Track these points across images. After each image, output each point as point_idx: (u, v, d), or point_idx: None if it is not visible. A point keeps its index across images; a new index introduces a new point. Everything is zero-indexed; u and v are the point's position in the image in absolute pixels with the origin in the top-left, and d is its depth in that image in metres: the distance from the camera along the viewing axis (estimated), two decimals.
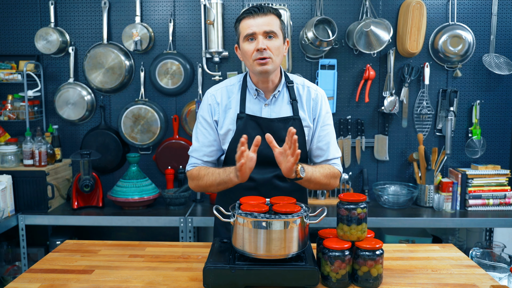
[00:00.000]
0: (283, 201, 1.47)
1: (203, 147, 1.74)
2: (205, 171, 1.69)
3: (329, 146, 1.76)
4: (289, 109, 1.73)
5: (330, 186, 1.74)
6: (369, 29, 2.86)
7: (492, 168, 2.99)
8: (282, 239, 1.33)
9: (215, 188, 1.68)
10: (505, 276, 1.55)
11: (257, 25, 1.60)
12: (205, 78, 3.13)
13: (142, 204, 2.90)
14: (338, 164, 1.79)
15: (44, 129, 3.16)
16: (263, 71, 1.63)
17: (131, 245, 1.76)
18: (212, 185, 1.66)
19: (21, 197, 2.81)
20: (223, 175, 1.61)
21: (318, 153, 1.77)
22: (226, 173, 1.60)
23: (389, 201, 2.96)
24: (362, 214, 1.38)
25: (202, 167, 1.72)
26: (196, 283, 1.41)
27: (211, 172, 1.67)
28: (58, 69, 3.18)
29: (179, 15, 3.11)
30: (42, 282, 1.42)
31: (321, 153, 1.76)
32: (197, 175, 1.71)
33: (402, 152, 3.19)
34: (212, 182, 1.65)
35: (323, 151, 1.76)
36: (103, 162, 3.15)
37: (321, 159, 1.77)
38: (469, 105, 3.14)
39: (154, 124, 3.07)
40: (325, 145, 1.76)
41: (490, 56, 3.05)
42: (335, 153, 1.78)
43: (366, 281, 1.36)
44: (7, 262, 3.04)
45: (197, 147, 1.75)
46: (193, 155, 1.76)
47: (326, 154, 1.76)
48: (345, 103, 3.13)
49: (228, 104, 1.74)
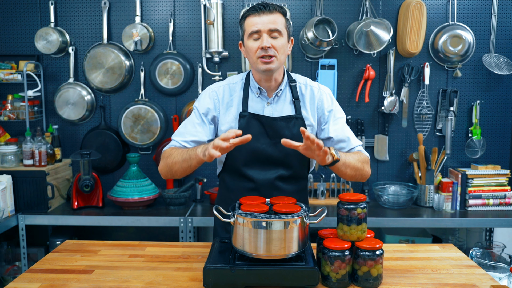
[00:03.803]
0: (283, 201, 1.47)
1: (187, 134, 1.70)
2: (176, 149, 1.66)
3: (349, 136, 1.72)
4: (291, 108, 1.72)
5: (364, 171, 1.68)
6: (369, 29, 2.86)
7: (492, 168, 2.99)
8: (282, 239, 1.33)
9: (179, 166, 1.62)
10: (505, 276, 1.55)
11: (262, 22, 1.60)
12: (205, 78, 3.13)
13: (142, 204, 2.90)
14: (363, 150, 1.74)
15: (44, 129, 3.16)
16: (266, 70, 1.62)
17: (131, 245, 1.76)
18: (177, 162, 1.62)
19: (21, 197, 2.81)
20: (191, 151, 1.58)
21: (341, 146, 1.72)
22: (194, 149, 1.57)
23: (389, 201, 2.96)
24: (362, 214, 1.38)
25: (177, 148, 1.68)
26: (196, 283, 1.41)
27: (181, 150, 1.63)
28: (58, 69, 3.18)
29: (179, 15, 3.11)
30: (42, 282, 1.42)
31: (344, 145, 1.71)
32: (169, 153, 1.67)
33: (402, 152, 3.19)
34: (178, 159, 1.61)
35: (345, 142, 1.71)
36: (103, 162, 3.15)
37: (345, 150, 1.72)
38: (469, 105, 3.14)
39: (154, 124, 3.07)
40: (344, 136, 1.71)
41: (490, 56, 3.05)
42: (357, 141, 1.74)
43: (366, 281, 1.36)
44: (7, 262, 3.04)
45: (181, 132, 1.72)
46: (174, 138, 1.72)
47: (349, 144, 1.72)
48: (345, 103, 3.13)
49: (230, 102, 1.73)
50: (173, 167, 1.65)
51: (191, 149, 1.60)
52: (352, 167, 1.61)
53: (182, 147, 1.68)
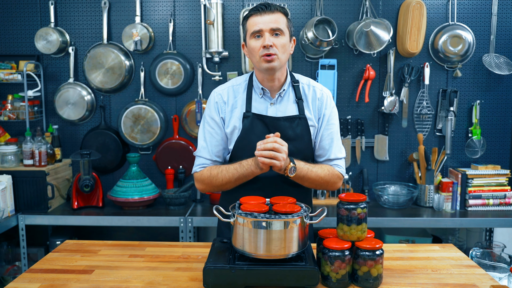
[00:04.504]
0: (283, 201, 1.47)
1: (211, 147, 1.73)
2: (217, 169, 1.69)
3: (332, 146, 1.74)
4: (294, 108, 1.73)
5: (328, 187, 1.74)
6: (369, 29, 2.86)
7: (492, 168, 2.99)
8: (282, 239, 1.33)
9: (232, 184, 1.68)
10: (505, 276, 1.55)
11: (264, 22, 1.62)
12: (205, 78, 3.13)
13: (142, 204, 2.90)
14: (339, 166, 1.76)
15: (44, 129, 3.16)
16: (269, 68, 1.63)
17: (131, 245, 1.76)
18: (229, 182, 1.67)
19: (21, 197, 2.81)
20: (242, 169, 1.63)
21: (320, 153, 1.76)
22: (245, 167, 1.62)
23: (389, 201, 2.96)
24: (362, 214, 1.38)
25: (212, 167, 1.72)
26: (196, 283, 1.41)
27: (225, 169, 1.67)
28: (58, 69, 3.18)
29: (179, 15, 3.11)
30: (42, 282, 1.42)
31: (323, 152, 1.75)
32: (209, 175, 1.70)
33: (402, 152, 3.19)
34: (230, 179, 1.66)
35: (325, 150, 1.75)
36: (103, 162, 3.15)
37: (322, 158, 1.76)
38: (469, 105, 3.14)
39: (154, 124, 3.07)
40: (327, 145, 1.74)
41: (490, 56, 3.05)
42: (338, 153, 1.75)
43: (366, 281, 1.36)
44: (7, 262, 3.04)
45: (205, 147, 1.74)
46: (201, 156, 1.74)
47: (328, 154, 1.75)
48: (345, 103, 3.13)
49: (235, 103, 1.74)
50: (223, 187, 1.72)
51: (238, 167, 1.65)
52: (312, 181, 1.68)
53: (214, 164, 1.74)
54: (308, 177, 1.65)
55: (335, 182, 1.74)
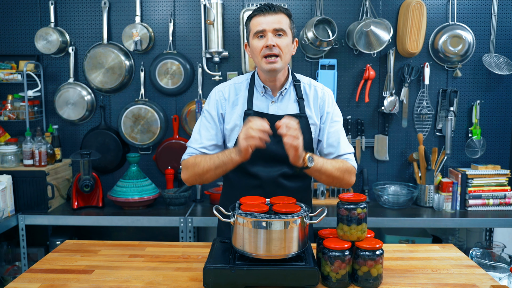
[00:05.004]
0: (283, 201, 1.47)
1: (203, 139, 1.74)
2: (201, 157, 1.68)
3: (340, 142, 1.75)
4: (295, 107, 1.75)
5: (344, 181, 1.70)
6: (369, 29, 2.86)
7: (492, 168, 2.99)
8: (282, 239, 1.33)
9: (212, 173, 1.64)
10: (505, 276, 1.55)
11: (267, 22, 1.64)
12: (205, 78, 3.13)
13: (142, 204, 2.90)
14: (351, 159, 1.76)
15: (44, 129, 3.16)
16: (271, 69, 1.65)
17: (131, 245, 1.76)
18: (210, 170, 1.64)
19: (21, 197, 2.81)
20: (222, 156, 1.60)
21: (329, 151, 1.75)
22: (225, 154, 1.60)
23: (389, 201, 2.96)
24: (362, 214, 1.38)
25: (198, 155, 1.71)
26: (196, 283, 1.41)
27: (208, 157, 1.66)
28: (58, 69, 3.18)
29: (179, 15, 3.11)
30: (42, 282, 1.42)
31: (332, 150, 1.75)
32: (193, 162, 1.69)
33: (402, 152, 3.19)
34: (210, 166, 1.63)
35: (334, 147, 1.75)
36: (103, 162, 3.15)
37: (333, 156, 1.75)
38: (469, 105, 3.14)
39: (154, 124, 3.07)
40: (335, 141, 1.75)
41: (490, 56, 3.05)
42: (347, 149, 1.76)
43: (366, 281, 1.36)
44: (7, 262, 3.04)
45: (197, 139, 1.75)
46: (191, 146, 1.75)
47: (338, 150, 1.74)
48: (345, 103, 3.13)
49: (236, 101, 1.76)
50: (204, 175, 1.67)
51: (220, 154, 1.62)
52: (329, 174, 1.64)
53: (202, 154, 1.71)
54: (326, 168, 1.62)
55: (350, 174, 1.71)
